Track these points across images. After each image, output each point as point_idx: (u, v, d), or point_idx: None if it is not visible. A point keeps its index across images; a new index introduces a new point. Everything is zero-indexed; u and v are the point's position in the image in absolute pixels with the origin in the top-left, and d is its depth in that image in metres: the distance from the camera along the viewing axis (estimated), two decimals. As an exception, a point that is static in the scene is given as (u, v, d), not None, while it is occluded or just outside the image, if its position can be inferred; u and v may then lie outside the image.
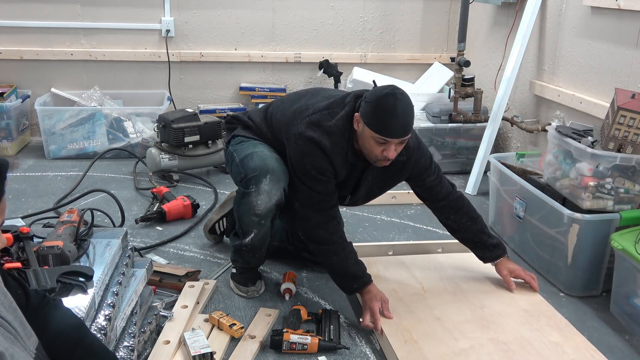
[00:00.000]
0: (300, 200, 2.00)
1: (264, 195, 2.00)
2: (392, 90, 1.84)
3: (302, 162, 1.95)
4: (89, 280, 1.65)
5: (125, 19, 3.89)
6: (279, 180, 2.01)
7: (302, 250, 2.36)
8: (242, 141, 2.16)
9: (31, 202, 2.93)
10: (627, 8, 2.55)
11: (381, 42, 4.21)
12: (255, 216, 2.02)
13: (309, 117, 1.96)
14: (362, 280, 2.00)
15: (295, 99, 2.12)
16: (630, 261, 2.00)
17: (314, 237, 2.01)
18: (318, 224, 1.99)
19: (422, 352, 1.78)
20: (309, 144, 1.93)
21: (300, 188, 1.98)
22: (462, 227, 2.16)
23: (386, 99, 1.83)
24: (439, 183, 2.14)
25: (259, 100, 4.04)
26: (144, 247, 2.48)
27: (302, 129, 1.95)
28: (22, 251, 1.71)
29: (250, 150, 2.09)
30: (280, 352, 1.84)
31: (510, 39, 3.40)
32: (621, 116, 2.18)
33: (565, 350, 1.80)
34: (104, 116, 3.66)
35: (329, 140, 1.92)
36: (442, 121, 3.53)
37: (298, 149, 1.95)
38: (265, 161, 2.03)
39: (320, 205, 1.98)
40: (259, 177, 2.00)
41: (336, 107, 1.97)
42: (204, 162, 3.38)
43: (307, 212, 1.99)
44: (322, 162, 1.93)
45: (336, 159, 1.94)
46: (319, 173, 1.94)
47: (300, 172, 1.97)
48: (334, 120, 1.94)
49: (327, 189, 1.98)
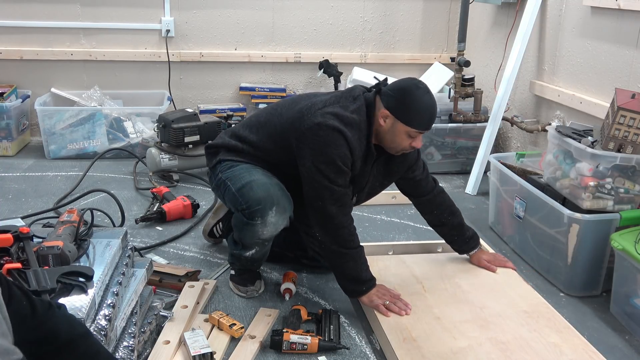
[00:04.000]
0: (322, 199, 1.91)
1: (271, 226, 1.97)
2: (417, 84, 1.90)
3: (326, 152, 1.88)
4: (89, 280, 1.65)
5: (125, 19, 3.89)
6: (285, 210, 1.98)
7: (301, 257, 2.35)
8: (231, 166, 2.06)
9: (31, 202, 2.93)
10: (627, 8, 2.55)
11: (381, 42, 4.21)
12: (259, 239, 2.02)
13: (323, 110, 1.92)
14: (371, 283, 2.00)
15: (291, 103, 2.07)
16: (630, 261, 2.00)
17: (336, 238, 1.95)
18: (342, 225, 1.94)
19: (420, 351, 1.78)
20: (332, 132, 1.88)
21: (320, 185, 1.90)
22: (443, 221, 2.23)
23: (417, 94, 1.89)
24: (425, 177, 2.19)
25: (259, 100, 4.04)
26: (144, 247, 2.48)
27: (320, 119, 1.89)
28: (22, 251, 1.70)
29: (247, 178, 1.99)
30: (280, 352, 1.84)
31: (510, 39, 3.40)
32: (621, 116, 2.18)
33: (563, 351, 1.80)
34: (104, 116, 3.66)
35: (349, 130, 1.90)
36: (442, 121, 3.53)
37: (320, 139, 1.88)
38: (268, 191, 1.95)
39: (342, 200, 1.94)
40: (264, 210, 1.94)
41: (345, 101, 1.96)
42: (204, 162, 3.35)
43: (329, 211, 1.91)
44: (346, 152, 1.89)
45: (355, 149, 1.92)
46: (343, 163, 1.89)
47: (323, 164, 1.88)
48: (349, 112, 1.93)
49: (346, 182, 1.94)
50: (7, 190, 3.10)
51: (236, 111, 3.98)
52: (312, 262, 2.33)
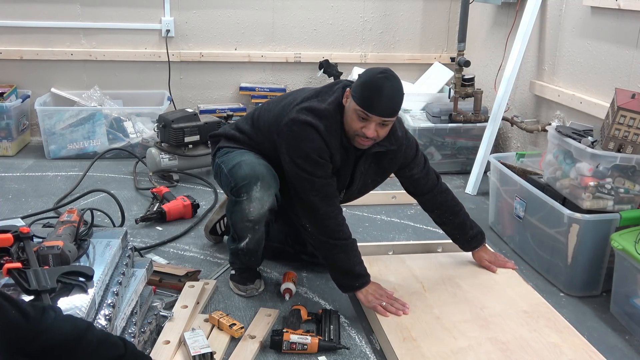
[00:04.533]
0: (304, 191, 1.96)
1: (256, 202, 1.99)
2: (384, 70, 1.90)
3: (300, 146, 1.93)
4: (89, 280, 1.65)
5: (125, 19, 3.89)
6: (270, 187, 2.01)
7: (301, 252, 2.36)
8: (227, 152, 2.15)
9: (31, 202, 2.93)
10: (627, 8, 2.55)
11: (381, 42, 4.21)
12: (248, 222, 2.03)
13: (300, 105, 1.97)
14: (364, 279, 2.00)
15: (280, 99, 2.14)
16: (630, 261, 2.00)
17: (324, 229, 1.97)
18: (327, 215, 1.96)
19: (420, 350, 1.78)
20: (304, 127, 1.92)
21: (301, 177, 1.94)
22: (444, 221, 2.24)
23: (376, 76, 1.87)
24: (425, 175, 2.19)
25: (259, 100, 4.04)
26: (144, 247, 2.48)
27: (294, 115, 1.95)
28: (22, 251, 1.71)
29: (238, 159, 2.07)
30: (280, 352, 1.84)
31: (510, 39, 3.40)
32: (621, 116, 2.18)
33: (563, 351, 1.80)
34: (104, 116, 3.66)
35: (323, 123, 1.93)
36: (442, 121, 3.53)
37: (294, 134, 1.94)
38: (254, 169, 2.01)
39: (325, 190, 1.96)
40: (250, 185, 1.99)
41: (325, 95, 2.01)
42: (204, 162, 3.38)
43: (313, 202, 1.95)
44: (320, 144, 1.92)
45: (331, 141, 1.94)
46: (319, 156, 1.92)
47: (299, 159, 1.93)
48: (325, 105, 1.96)
49: (326, 173, 1.97)
50: (7, 190, 3.10)
51: (236, 111, 3.98)
52: (312, 258, 2.34)
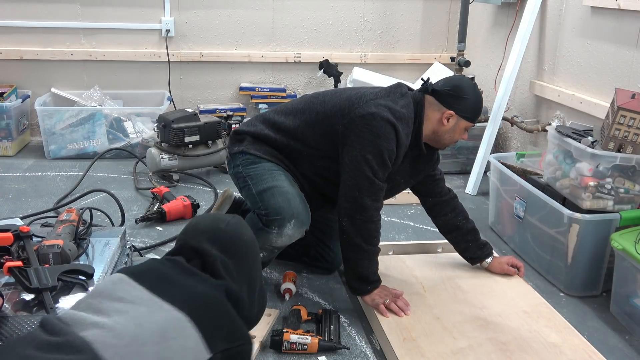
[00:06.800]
0: (360, 189, 1.88)
1: (286, 238, 1.97)
2: (472, 83, 2.03)
3: (375, 142, 1.86)
4: (89, 278, 1.66)
5: (125, 19, 3.89)
6: (303, 224, 1.98)
7: (302, 255, 2.35)
8: (253, 162, 2.03)
9: (31, 202, 2.93)
10: (627, 8, 2.55)
11: (381, 42, 4.21)
12: (271, 247, 2.01)
13: (376, 101, 1.92)
14: (376, 285, 2.00)
15: (336, 92, 2.05)
16: (630, 261, 2.00)
17: (363, 232, 1.92)
18: (372, 219, 1.92)
19: (420, 350, 1.78)
20: (385, 124, 1.87)
21: (363, 175, 1.87)
22: (458, 224, 2.20)
23: (476, 92, 2.00)
24: (442, 178, 2.23)
25: (259, 100, 4.04)
26: (144, 247, 2.48)
27: (374, 109, 1.88)
28: (22, 250, 1.71)
29: (270, 182, 1.97)
30: (280, 352, 1.84)
31: (510, 39, 3.40)
32: (621, 116, 2.18)
33: (563, 351, 1.80)
34: (104, 116, 3.66)
35: (400, 125, 1.90)
36: (442, 121, 3.52)
37: (371, 129, 1.86)
38: (290, 202, 1.94)
39: (378, 194, 1.92)
40: (283, 221, 1.93)
41: (394, 96, 1.98)
42: (204, 162, 3.38)
43: (365, 202, 1.89)
44: (394, 147, 1.89)
45: (401, 145, 1.92)
46: (389, 158, 1.89)
47: (370, 154, 1.86)
48: (399, 107, 1.93)
49: (385, 177, 1.93)
50: (7, 190, 3.10)
51: (236, 111, 3.98)
52: (313, 261, 2.33)
